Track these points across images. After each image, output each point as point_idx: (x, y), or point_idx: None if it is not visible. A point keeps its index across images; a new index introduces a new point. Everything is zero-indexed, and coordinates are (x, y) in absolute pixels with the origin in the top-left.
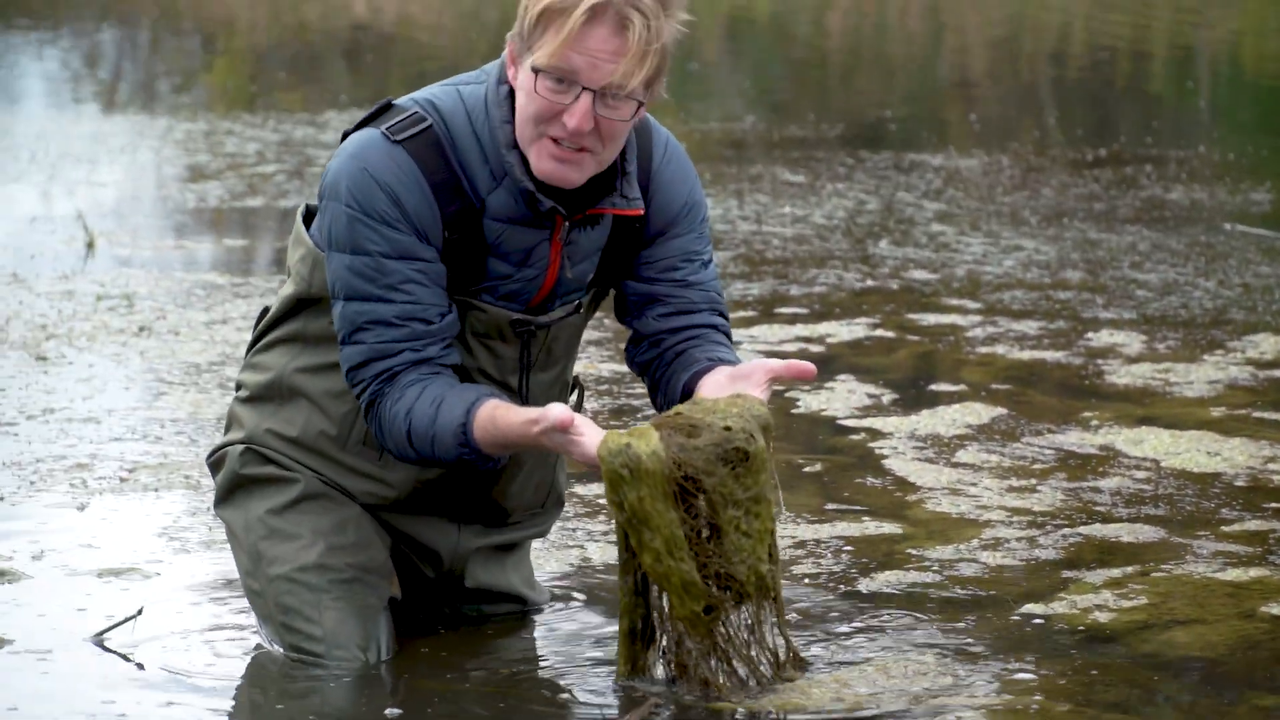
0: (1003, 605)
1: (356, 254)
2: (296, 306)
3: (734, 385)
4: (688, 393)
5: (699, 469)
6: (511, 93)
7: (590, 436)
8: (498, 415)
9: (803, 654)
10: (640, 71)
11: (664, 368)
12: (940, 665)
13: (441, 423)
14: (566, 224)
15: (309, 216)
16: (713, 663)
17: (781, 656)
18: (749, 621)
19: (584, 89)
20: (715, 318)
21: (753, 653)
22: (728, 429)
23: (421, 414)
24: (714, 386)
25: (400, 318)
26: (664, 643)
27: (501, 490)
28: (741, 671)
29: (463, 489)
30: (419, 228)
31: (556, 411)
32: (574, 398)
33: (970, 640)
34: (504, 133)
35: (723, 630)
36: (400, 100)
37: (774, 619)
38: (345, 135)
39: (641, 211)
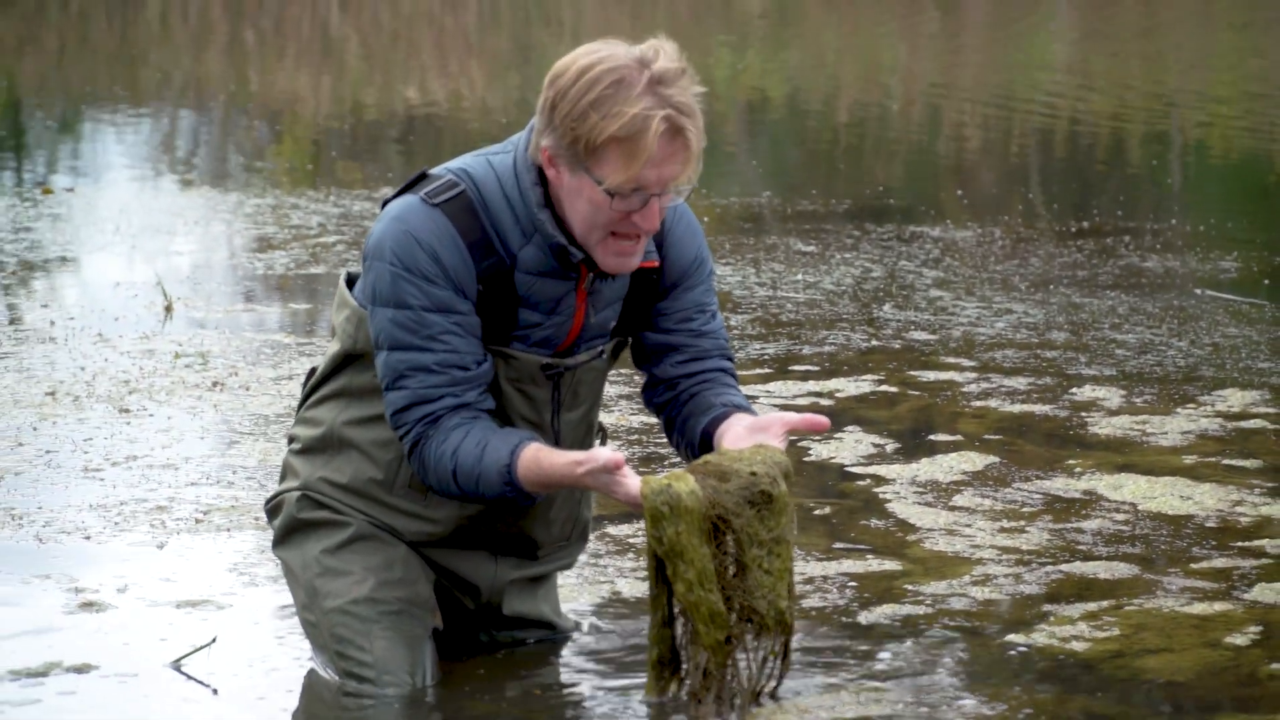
0: (988, 635)
1: (399, 308)
2: (343, 362)
3: (754, 436)
4: (707, 436)
5: (729, 509)
6: (540, 170)
7: (632, 479)
8: (541, 457)
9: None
10: (696, 169)
11: (679, 408)
12: (919, 691)
13: (487, 463)
14: (591, 275)
15: (350, 282)
16: (719, 698)
17: (768, 688)
18: (762, 655)
19: (652, 195)
20: (724, 362)
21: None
22: (754, 474)
23: (467, 454)
24: (735, 438)
25: (439, 365)
26: (686, 668)
27: (532, 525)
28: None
29: (500, 524)
30: (456, 283)
31: (605, 454)
32: (598, 441)
33: (955, 667)
34: (535, 194)
35: (734, 665)
36: (434, 170)
37: (782, 653)
38: (385, 203)
39: (657, 264)
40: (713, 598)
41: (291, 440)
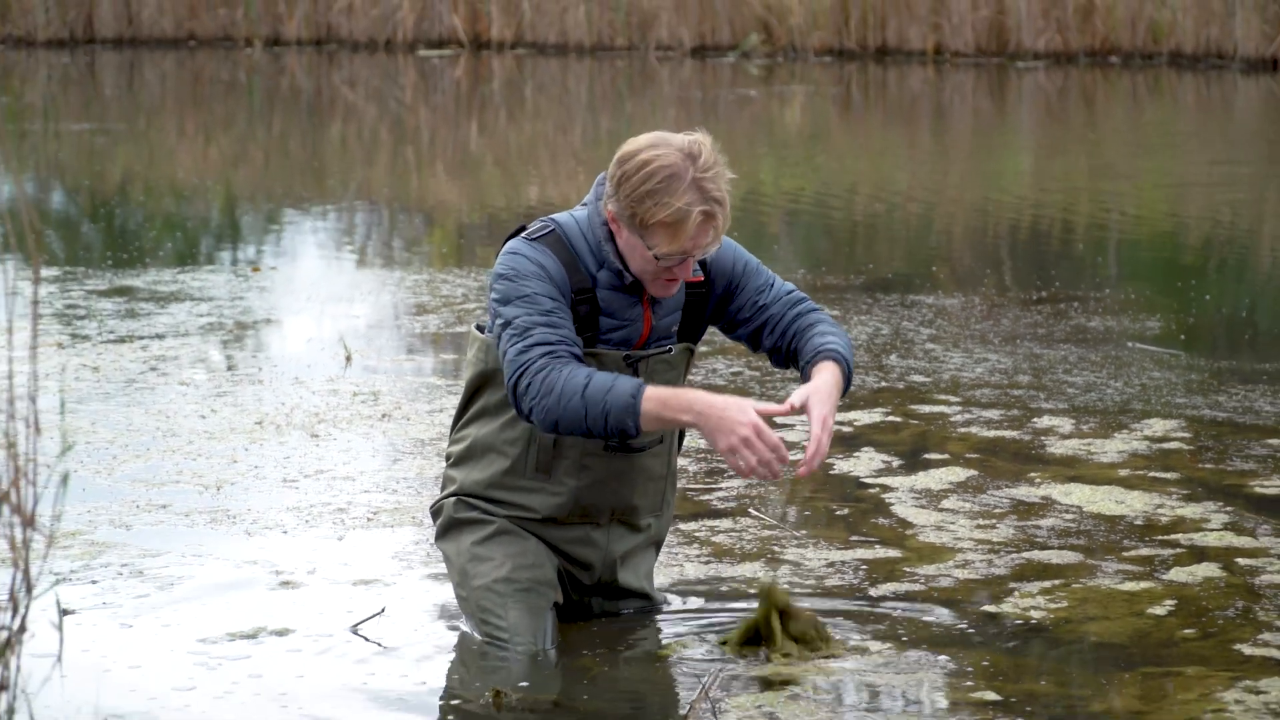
0: (967, 605)
1: (521, 299)
2: (479, 385)
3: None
4: (806, 376)
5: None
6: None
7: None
8: (661, 390)
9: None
10: (719, 242)
11: (787, 349)
12: (914, 647)
13: (620, 384)
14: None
15: (480, 330)
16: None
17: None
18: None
19: (687, 257)
20: (797, 306)
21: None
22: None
23: (601, 377)
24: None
25: (552, 326)
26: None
27: (633, 494)
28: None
29: (609, 494)
30: (559, 285)
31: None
32: (677, 439)
33: (941, 629)
34: (603, 233)
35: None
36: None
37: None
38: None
39: (701, 279)
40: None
41: (448, 458)
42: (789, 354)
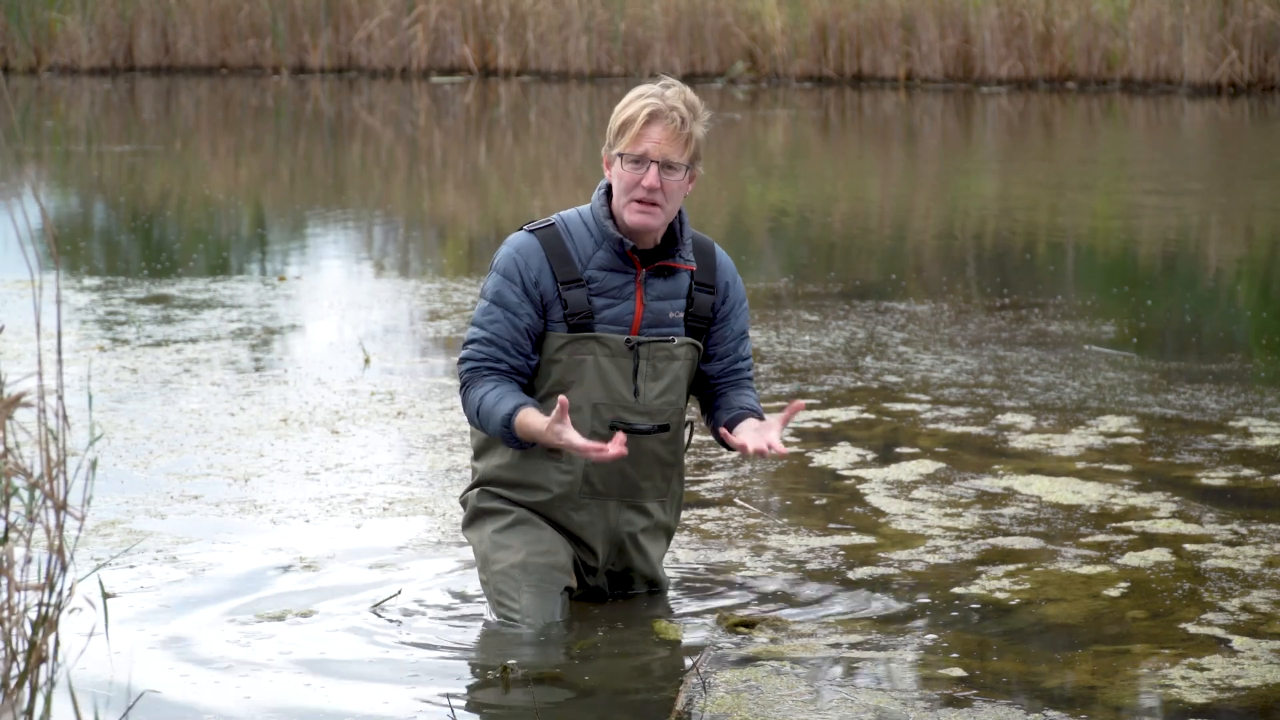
0: (936, 588)
1: (484, 299)
2: None
3: (761, 433)
4: (728, 427)
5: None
6: (608, 190)
7: (571, 432)
8: (530, 417)
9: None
10: (683, 150)
11: (716, 399)
12: (887, 626)
13: (498, 410)
14: (644, 270)
15: None
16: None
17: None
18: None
19: (652, 162)
20: (747, 373)
21: None
22: None
23: (491, 399)
24: (748, 429)
25: (486, 340)
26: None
27: (636, 473)
28: None
29: (616, 472)
30: (529, 285)
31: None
32: (687, 431)
33: (912, 610)
34: (603, 211)
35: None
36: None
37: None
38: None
39: (694, 267)
40: None
41: (472, 451)
42: (714, 394)
